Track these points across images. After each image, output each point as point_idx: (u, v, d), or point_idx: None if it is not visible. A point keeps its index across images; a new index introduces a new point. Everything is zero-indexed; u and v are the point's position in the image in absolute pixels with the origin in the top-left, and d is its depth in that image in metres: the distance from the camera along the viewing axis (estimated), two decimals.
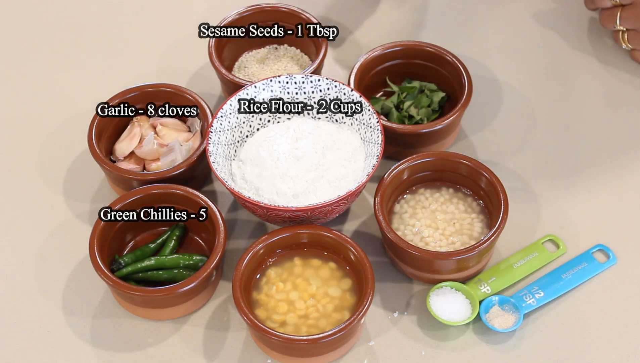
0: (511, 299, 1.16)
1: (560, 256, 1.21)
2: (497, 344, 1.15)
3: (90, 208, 1.27)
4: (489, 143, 1.32)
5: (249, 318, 1.10)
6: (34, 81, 1.41)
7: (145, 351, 1.16)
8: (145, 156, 1.27)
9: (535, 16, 1.45)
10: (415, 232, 1.19)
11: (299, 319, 1.13)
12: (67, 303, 1.19)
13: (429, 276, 1.18)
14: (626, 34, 1.34)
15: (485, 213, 1.20)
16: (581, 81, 1.37)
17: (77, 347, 1.16)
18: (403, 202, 1.22)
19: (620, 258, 1.20)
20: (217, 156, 1.19)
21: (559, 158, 1.30)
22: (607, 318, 1.16)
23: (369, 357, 1.15)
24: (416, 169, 1.22)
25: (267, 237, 1.16)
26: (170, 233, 1.22)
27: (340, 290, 1.15)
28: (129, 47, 1.45)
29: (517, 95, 1.36)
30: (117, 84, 1.32)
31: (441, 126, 1.25)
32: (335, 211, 1.18)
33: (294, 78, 1.24)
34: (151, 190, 1.20)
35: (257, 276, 1.16)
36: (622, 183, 1.27)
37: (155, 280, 1.18)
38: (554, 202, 1.26)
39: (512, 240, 1.22)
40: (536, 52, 1.41)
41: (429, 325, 1.16)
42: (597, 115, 1.34)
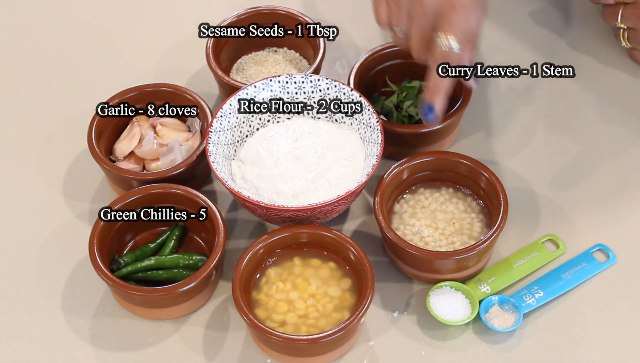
0: (511, 299, 1.16)
1: (560, 256, 1.21)
2: (497, 344, 1.15)
3: (90, 208, 1.27)
4: (489, 143, 1.32)
5: (248, 318, 1.10)
6: (34, 81, 1.41)
7: (145, 351, 1.16)
8: (145, 156, 1.27)
9: (534, 16, 1.45)
10: (415, 232, 1.19)
11: (299, 319, 1.13)
12: (67, 303, 1.19)
13: (428, 276, 1.18)
14: (627, 32, 1.34)
15: (485, 213, 1.20)
16: (581, 81, 1.37)
17: (77, 347, 1.16)
18: (403, 202, 1.22)
19: (620, 258, 1.20)
20: (217, 156, 1.19)
21: (558, 157, 1.30)
22: (607, 318, 1.16)
23: (368, 357, 1.15)
24: (416, 169, 1.22)
25: (267, 237, 1.16)
26: (170, 233, 1.22)
27: (340, 290, 1.15)
28: (129, 47, 1.45)
29: (517, 95, 1.36)
30: (117, 84, 1.32)
31: (441, 126, 1.25)
32: (335, 211, 1.18)
33: (293, 78, 1.24)
34: (151, 190, 1.20)
35: (256, 276, 1.16)
36: (622, 183, 1.27)
37: (155, 279, 1.18)
38: (554, 202, 1.26)
39: (512, 239, 1.22)
40: (536, 52, 1.41)
41: (429, 324, 1.16)
42: (596, 115, 1.34)
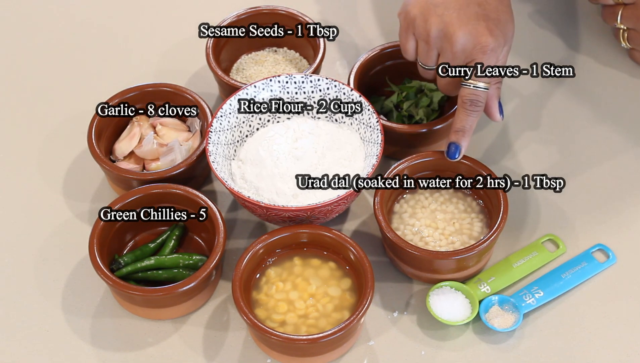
0: (511, 299, 1.16)
1: (560, 255, 1.21)
2: (497, 344, 1.15)
3: (90, 208, 1.27)
4: (488, 142, 1.32)
5: (248, 318, 1.10)
6: (34, 81, 1.41)
7: (145, 351, 1.16)
8: (145, 156, 1.27)
9: (534, 16, 1.45)
10: (415, 232, 1.19)
11: (299, 319, 1.13)
12: (67, 303, 1.19)
13: (428, 276, 1.18)
14: (626, 32, 1.34)
15: (485, 213, 1.20)
16: (580, 81, 1.37)
17: (77, 347, 1.16)
18: (403, 202, 1.22)
19: (620, 258, 1.20)
20: (217, 156, 1.19)
21: (558, 157, 1.30)
22: (607, 318, 1.16)
23: (368, 357, 1.15)
24: (416, 169, 1.22)
25: (267, 237, 1.16)
26: (170, 233, 1.22)
27: (340, 290, 1.15)
28: (129, 47, 1.45)
29: (516, 95, 1.36)
30: (117, 84, 1.32)
31: (441, 126, 1.25)
32: (335, 211, 1.18)
33: (293, 78, 1.24)
34: (151, 190, 1.20)
35: (256, 276, 1.16)
36: (621, 183, 1.27)
37: (155, 279, 1.18)
38: (554, 202, 1.26)
39: (512, 239, 1.22)
40: (535, 52, 1.41)
41: (429, 324, 1.16)
42: (596, 115, 1.34)
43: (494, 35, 1.15)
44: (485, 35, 1.15)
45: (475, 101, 1.16)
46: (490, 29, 1.15)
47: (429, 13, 1.17)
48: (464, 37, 1.15)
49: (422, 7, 1.17)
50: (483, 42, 1.15)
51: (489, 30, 1.15)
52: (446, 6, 1.16)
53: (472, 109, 1.17)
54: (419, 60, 1.21)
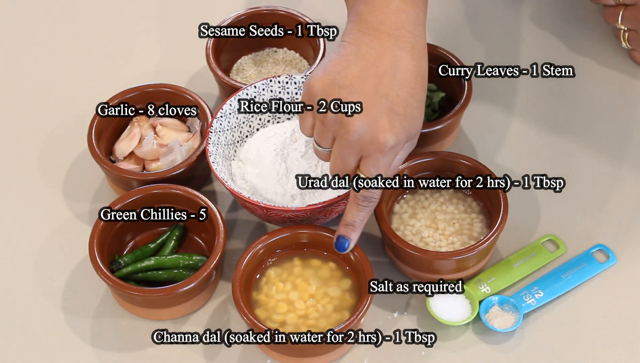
0: (511, 299, 1.16)
1: (560, 256, 1.21)
2: (497, 344, 1.15)
3: (90, 208, 1.27)
4: (489, 142, 1.32)
5: (248, 318, 1.10)
6: (34, 81, 1.41)
7: (145, 351, 1.16)
8: (145, 156, 1.27)
9: (534, 17, 1.45)
10: (415, 232, 1.19)
11: (299, 319, 1.13)
12: (67, 303, 1.19)
13: (428, 276, 1.18)
14: (627, 33, 1.34)
15: (485, 213, 1.20)
16: (581, 81, 1.37)
17: (77, 347, 1.16)
18: (403, 202, 1.22)
19: (620, 258, 1.20)
20: (217, 156, 1.19)
21: (558, 157, 1.30)
22: (607, 318, 1.16)
23: (368, 357, 1.15)
24: (416, 169, 1.22)
25: (267, 237, 1.16)
26: (170, 233, 1.22)
27: (340, 290, 1.15)
28: (129, 47, 1.45)
29: (516, 95, 1.36)
30: (117, 84, 1.32)
31: (441, 126, 1.25)
32: (335, 211, 1.18)
33: (293, 78, 1.24)
34: (151, 190, 1.20)
35: (256, 277, 1.16)
36: (622, 183, 1.27)
37: (155, 280, 1.18)
38: (554, 202, 1.26)
39: (512, 239, 1.22)
40: (536, 52, 1.41)
41: (429, 325, 1.16)
42: (596, 115, 1.34)
43: (395, 133, 1.05)
44: (385, 132, 1.04)
45: (369, 197, 1.10)
46: (392, 126, 1.05)
47: (332, 93, 1.06)
48: (362, 128, 1.04)
49: (325, 85, 1.06)
50: (382, 139, 1.04)
51: (390, 127, 1.04)
52: (352, 90, 1.05)
53: (365, 205, 1.11)
54: (314, 138, 1.11)
